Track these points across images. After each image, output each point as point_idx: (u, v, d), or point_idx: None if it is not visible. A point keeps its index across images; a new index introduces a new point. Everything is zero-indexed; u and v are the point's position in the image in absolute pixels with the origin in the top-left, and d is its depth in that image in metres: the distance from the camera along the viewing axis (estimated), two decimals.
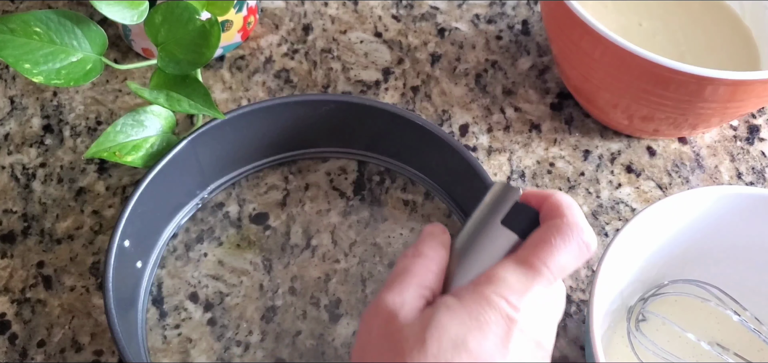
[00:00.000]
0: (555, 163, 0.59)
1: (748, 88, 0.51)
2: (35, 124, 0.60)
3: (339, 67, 0.64)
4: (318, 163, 0.59)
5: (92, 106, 0.61)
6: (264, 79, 0.64)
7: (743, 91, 0.51)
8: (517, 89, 0.64)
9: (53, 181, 0.57)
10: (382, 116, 0.55)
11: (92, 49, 0.52)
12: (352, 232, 0.55)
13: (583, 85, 0.59)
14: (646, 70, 0.51)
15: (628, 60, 0.51)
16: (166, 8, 0.51)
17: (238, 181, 0.57)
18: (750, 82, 0.50)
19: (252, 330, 0.51)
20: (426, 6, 0.69)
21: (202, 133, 0.53)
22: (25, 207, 0.56)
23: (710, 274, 0.50)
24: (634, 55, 0.50)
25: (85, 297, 0.52)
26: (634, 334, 0.49)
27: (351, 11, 0.68)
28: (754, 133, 0.62)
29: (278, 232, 0.55)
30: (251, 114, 0.54)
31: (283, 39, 0.66)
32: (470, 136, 0.61)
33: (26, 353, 0.50)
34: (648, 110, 0.55)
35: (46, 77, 0.50)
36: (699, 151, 0.61)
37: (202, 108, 0.52)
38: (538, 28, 0.68)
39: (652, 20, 0.64)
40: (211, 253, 0.54)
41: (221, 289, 0.52)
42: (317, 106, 0.55)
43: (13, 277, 0.53)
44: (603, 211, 0.57)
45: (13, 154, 0.59)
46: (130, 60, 0.64)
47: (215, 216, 0.56)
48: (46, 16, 0.50)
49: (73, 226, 0.55)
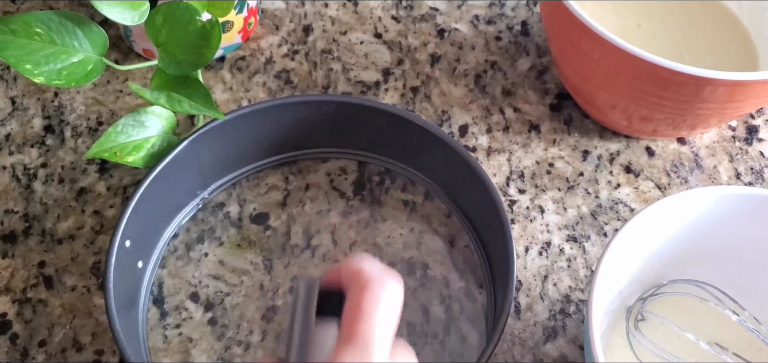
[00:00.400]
0: (554, 164, 0.60)
1: (746, 89, 0.51)
2: (36, 125, 0.60)
3: (339, 67, 0.65)
4: (318, 163, 0.59)
5: (93, 107, 0.61)
6: (264, 80, 0.64)
7: (742, 92, 0.51)
8: (517, 90, 0.64)
9: (54, 181, 0.57)
10: (382, 117, 0.55)
11: (93, 50, 0.52)
12: (352, 232, 0.55)
13: (582, 85, 0.59)
14: (644, 70, 0.51)
15: (626, 61, 0.51)
16: (167, 9, 0.51)
17: (238, 182, 0.57)
18: (748, 82, 0.50)
19: (253, 330, 0.51)
20: (426, 7, 0.69)
21: (203, 134, 0.53)
22: (26, 207, 0.56)
23: (709, 274, 0.50)
24: (633, 56, 0.50)
25: (86, 297, 0.52)
26: (633, 334, 0.49)
27: (351, 12, 0.69)
28: (752, 133, 0.63)
29: (279, 232, 0.55)
30: (252, 114, 0.54)
31: (283, 40, 0.66)
32: (470, 137, 0.61)
33: (27, 353, 0.50)
34: (647, 111, 0.55)
35: (47, 78, 0.50)
36: (698, 151, 0.61)
37: (203, 108, 0.53)
38: (538, 28, 0.68)
39: (651, 21, 0.64)
40: (211, 253, 0.54)
41: (222, 289, 0.53)
42: (317, 107, 0.55)
43: (14, 277, 0.53)
44: (602, 211, 0.57)
45: (15, 154, 0.59)
46: (131, 61, 0.64)
47: (216, 216, 0.56)
48: (47, 17, 0.50)
49: (74, 226, 0.55)
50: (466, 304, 0.52)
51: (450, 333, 0.51)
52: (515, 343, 0.51)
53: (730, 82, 0.50)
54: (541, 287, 0.54)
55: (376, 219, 0.56)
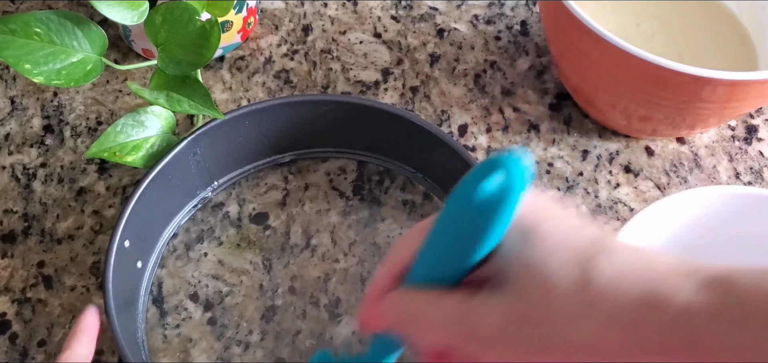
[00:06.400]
0: (554, 164, 0.60)
1: (745, 89, 0.51)
2: (36, 125, 0.60)
3: (338, 67, 0.65)
4: (318, 163, 0.59)
5: (93, 107, 0.61)
6: (264, 80, 0.64)
7: (741, 92, 0.51)
8: (516, 90, 0.64)
9: (54, 181, 0.57)
10: (381, 116, 0.55)
11: (92, 50, 0.52)
12: (351, 231, 0.55)
13: (581, 85, 0.59)
14: (644, 70, 0.51)
15: (626, 60, 0.51)
16: (167, 9, 0.51)
17: (238, 181, 0.57)
18: (748, 82, 0.50)
19: (252, 329, 0.51)
20: (425, 7, 0.69)
21: (202, 134, 0.53)
22: (25, 207, 0.56)
23: None
24: (633, 56, 0.50)
25: (85, 297, 0.52)
26: None
27: (350, 12, 0.69)
28: (752, 133, 0.63)
29: (278, 231, 0.55)
30: (251, 114, 0.54)
31: (282, 39, 0.66)
32: (469, 136, 0.61)
33: (27, 353, 0.50)
34: (646, 110, 0.55)
35: (47, 78, 0.50)
36: (697, 151, 0.61)
37: (202, 108, 0.53)
38: (537, 28, 0.68)
39: (651, 21, 0.64)
40: (211, 252, 0.54)
41: (221, 289, 0.53)
42: (317, 107, 0.55)
43: (13, 277, 0.53)
44: (601, 211, 0.57)
45: (14, 154, 0.59)
46: (131, 60, 0.64)
47: (215, 216, 0.56)
48: (46, 17, 0.50)
49: (74, 226, 0.55)
50: None
51: None
52: None
53: (729, 82, 0.50)
54: None
55: (375, 219, 0.56)
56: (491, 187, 0.30)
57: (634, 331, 0.30)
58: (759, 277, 0.29)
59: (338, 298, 0.52)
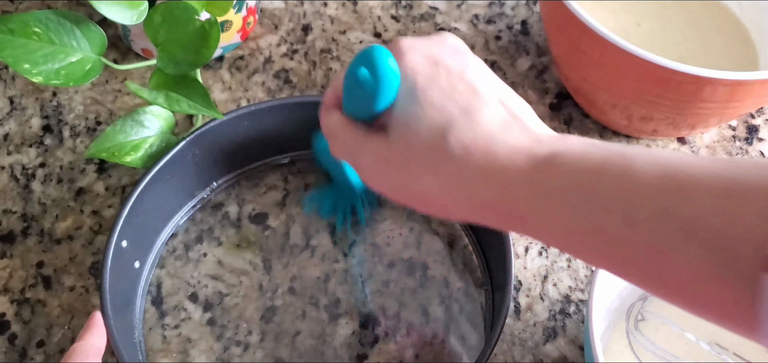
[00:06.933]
0: None
1: (746, 88, 0.51)
2: (35, 125, 0.60)
3: (338, 67, 0.65)
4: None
5: (92, 107, 0.61)
6: (263, 80, 0.64)
7: (742, 91, 0.51)
8: (517, 89, 0.64)
9: (53, 181, 0.57)
10: None
11: (91, 50, 0.52)
12: (351, 232, 0.55)
13: (582, 85, 0.59)
14: (644, 70, 0.51)
15: (626, 60, 0.51)
16: (166, 8, 0.51)
17: (237, 182, 0.57)
18: (748, 82, 0.50)
19: (251, 330, 0.51)
20: (425, 6, 0.69)
21: (202, 134, 0.53)
22: (24, 207, 0.56)
23: None
24: (633, 56, 0.50)
25: (84, 297, 0.52)
26: (633, 334, 0.49)
27: (350, 11, 0.68)
28: (752, 133, 0.63)
29: (277, 232, 0.55)
30: (250, 114, 0.54)
31: (282, 39, 0.66)
32: None
33: (26, 353, 0.50)
34: (647, 110, 0.55)
35: (46, 77, 0.50)
36: (698, 151, 0.61)
37: (202, 108, 0.52)
38: (538, 28, 0.68)
39: (651, 21, 0.64)
40: (210, 253, 0.54)
41: (221, 289, 0.52)
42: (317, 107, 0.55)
43: (12, 277, 0.53)
44: None
45: (13, 154, 0.59)
46: (130, 60, 0.64)
47: (215, 216, 0.56)
48: (45, 17, 0.50)
49: (73, 226, 0.55)
50: (465, 305, 0.52)
51: (450, 333, 0.51)
52: (515, 343, 0.51)
53: (729, 81, 0.50)
54: (541, 287, 0.53)
55: (376, 219, 0.56)
56: (364, 73, 0.38)
57: (468, 195, 0.36)
58: (582, 154, 0.34)
59: (338, 299, 0.52)
